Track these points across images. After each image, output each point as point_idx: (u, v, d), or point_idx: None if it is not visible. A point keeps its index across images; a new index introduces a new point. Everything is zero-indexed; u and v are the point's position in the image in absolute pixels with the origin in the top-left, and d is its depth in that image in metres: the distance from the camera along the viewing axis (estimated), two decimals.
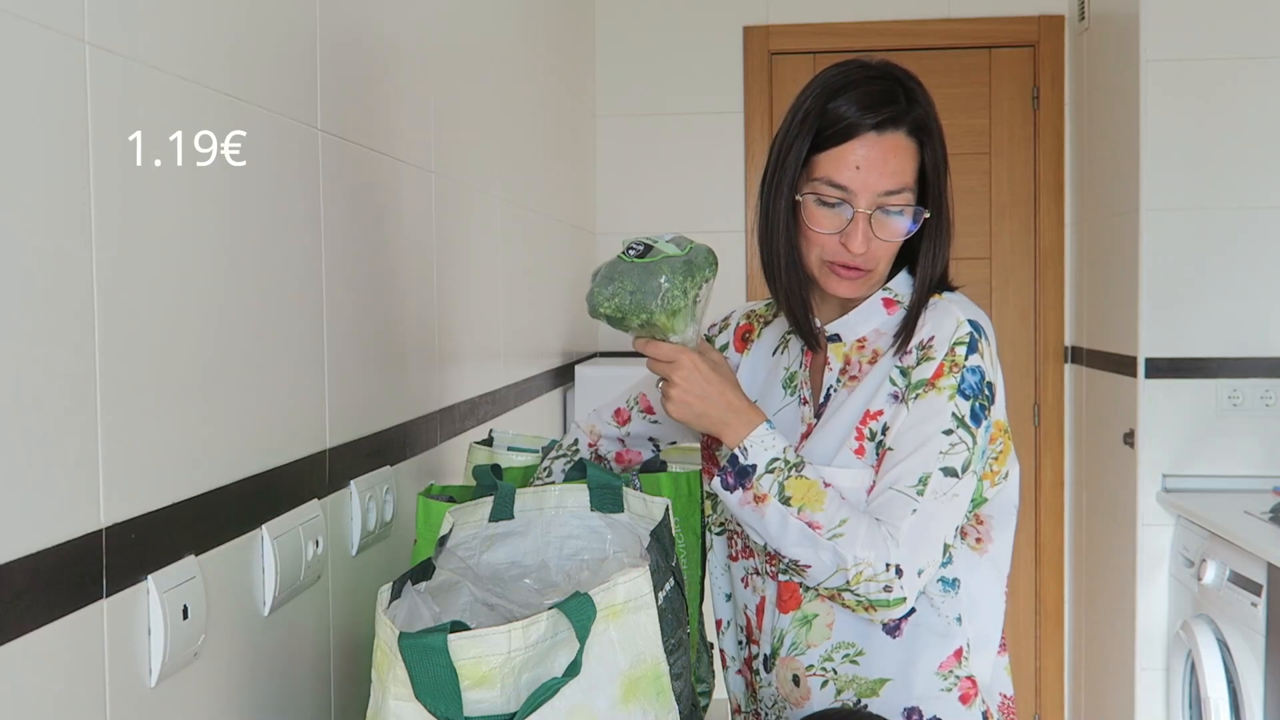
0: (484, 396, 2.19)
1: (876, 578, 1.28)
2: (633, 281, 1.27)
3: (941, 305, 1.38)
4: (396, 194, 1.69)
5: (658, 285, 1.27)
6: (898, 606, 1.30)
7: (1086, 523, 3.61)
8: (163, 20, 1.05)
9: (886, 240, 1.36)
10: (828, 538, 1.28)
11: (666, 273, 1.27)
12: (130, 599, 0.99)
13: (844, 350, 1.44)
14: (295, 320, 1.33)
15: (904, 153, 1.35)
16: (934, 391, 1.32)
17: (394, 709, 0.96)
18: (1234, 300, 3.10)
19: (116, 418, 0.96)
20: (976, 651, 1.40)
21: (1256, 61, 3.07)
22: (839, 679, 1.40)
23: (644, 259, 1.28)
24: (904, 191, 1.35)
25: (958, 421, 1.31)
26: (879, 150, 1.34)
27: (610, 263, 1.31)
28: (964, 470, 1.32)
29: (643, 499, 1.21)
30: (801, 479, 1.31)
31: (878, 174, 1.34)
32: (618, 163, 3.77)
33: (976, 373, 1.33)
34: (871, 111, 1.34)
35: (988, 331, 1.37)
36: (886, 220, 1.36)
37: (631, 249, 1.30)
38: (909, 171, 1.36)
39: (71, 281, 0.91)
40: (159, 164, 1.04)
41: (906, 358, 1.36)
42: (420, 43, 1.82)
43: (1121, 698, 3.25)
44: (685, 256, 1.29)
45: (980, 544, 1.41)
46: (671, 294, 1.27)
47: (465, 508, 1.23)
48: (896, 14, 3.67)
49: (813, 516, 1.30)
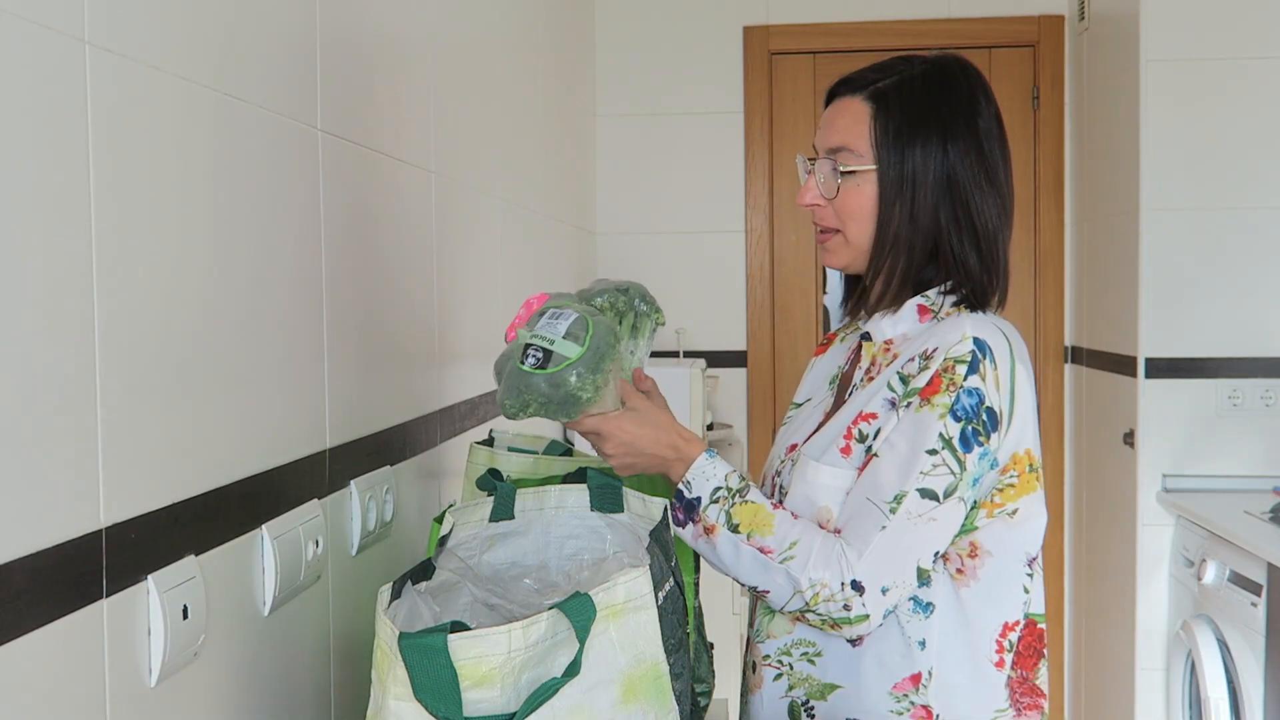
0: (484, 396, 2.19)
1: (834, 597, 1.26)
2: (540, 394, 1.26)
3: (953, 319, 1.36)
4: (396, 194, 1.69)
5: (567, 393, 1.25)
6: (861, 624, 1.28)
7: (1086, 523, 3.61)
8: (163, 20, 1.05)
9: (828, 197, 1.40)
10: (779, 561, 1.27)
11: (574, 377, 1.25)
12: (130, 599, 0.98)
13: (873, 350, 1.43)
14: (295, 320, 1.33)
15: (852, 114, 1.40)
16: (927, 407, 1.29)
17: (394, 709, 0.96)
18: (1234, 300, 3.10)
19: (116, 418, 0.96)
20: (939, 685, 1.33)
21: (1256, 61, 3.07)
22: (793, 675, 1.38)
23: (545, 370, 1.25)
24: (841, 150, 1.39)
25: (944, 443, 1.28)
26: (832, 111, 1.43)
27: (512, 371, 1.28)
28: (946, 495, 1.28)
29: (642, 499, 1.21)
30: (747, 504, 1.30)
31: (825, 133, 1.42)
32: (618, 163, 3.77)
33: (974, 395, 1.29)
34: (845, 81, 1.43)
35: (997, 353, 1.31)
36: (831, 179, 1.40)
37: (530, 357, 1.26)
38: (854, 131, 1.39)
39: (71, 281, 0.91)
40: (159, 164, 1.04)
41: (909, 365, 1.33)
42: (420, 43, 1.82)
43: (1121, 698, 3.25)
44: (588, 350, 1.25)
45: (962, 575, 1.34)
46: (583, 392, 1.26)
47: (465, 508, 1.23)
48: (896, 14, 3.67)
49: (762, 541, 1.29)
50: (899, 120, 1.37)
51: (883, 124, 1.38)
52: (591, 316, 1.28)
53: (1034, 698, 1.38)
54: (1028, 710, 1.38)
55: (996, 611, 1.37)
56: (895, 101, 1.38)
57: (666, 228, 3.76)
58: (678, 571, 1.16)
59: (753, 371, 3.78)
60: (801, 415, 1.53)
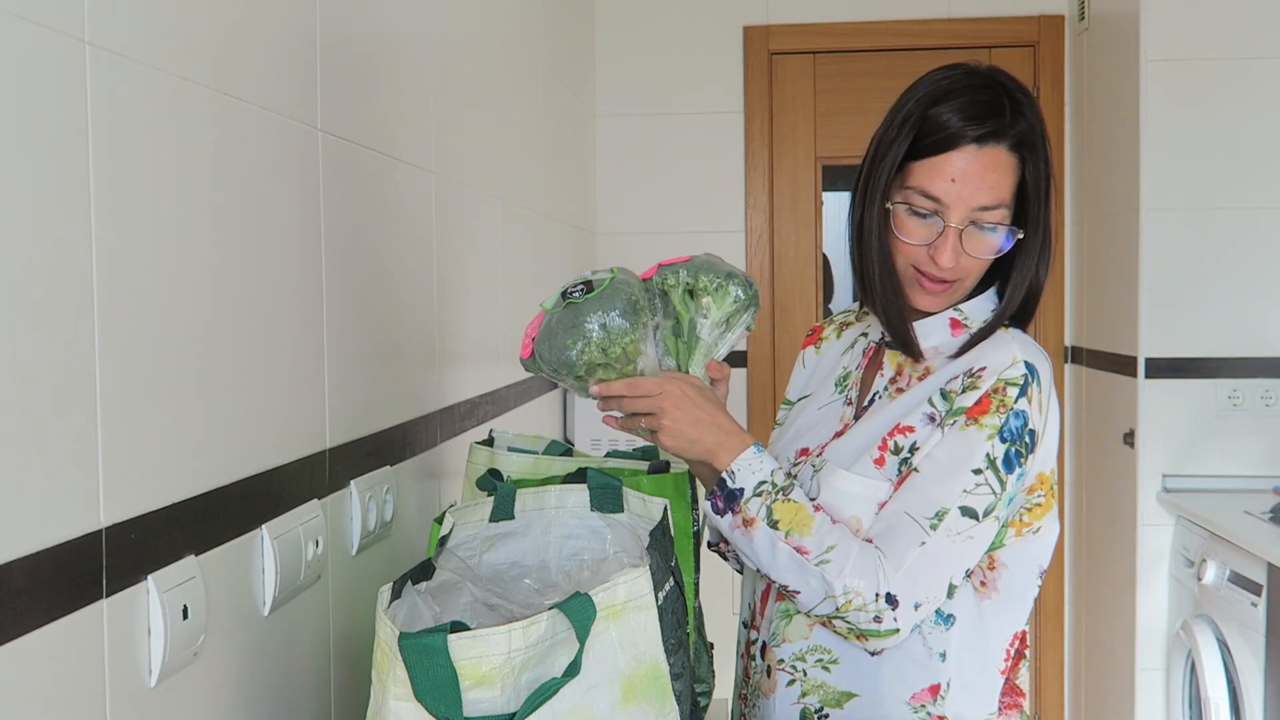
0: (484, 396, 2.19)
1: (866, 607, 1.26)
2: (592, 327, 1.30)
3: (1003, 338, 1.35)
4: (396, 194, 1.69)
5: (613, 321, 1.31)
6: (890, 637, 1.27)
7: (1086, 523, 3.61)
8: (163, 20, 1.05)
9: (976, 257, 1.33)
10: (815, 563, 1.26)
11: (615, 312, 1.30)
12: (130, 599, 0.98)
13: (898, 360, 1.41)
14: (295, 320, 1.33)
15: (1003, 168, 1.31)
16: (974, 426, 1.29)
17: (394, 709, 0.96)
18: (1234, 300, 3.10)
19: (116, 418, 0.96)
20: (957, 696, 1.34)
21: (1257, 62, 3.07)
22: (807, 681, 1.37)
23: (590, 293, 1.31)
24: (999, 208, 1.32)
25: (989, 463, 1.28)
26: (978, 164, 1.30)
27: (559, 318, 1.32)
28: (985, 515, 1.28)
29: (642, 499, 1.21)
30: (789, 503, 1.29)
31: (974, 188, 1.30)
32: (618, 163, 3.77)
33: (1021, 418, 1.29)
34: (975, 123, 1.29)
35: (1042, 377, 1.33)
36: (979, 236, 1.32)
37: (576, 290, 1.33)
38: (1006, 188, 1.32)
39: (71, 281, 0.91)
40: (158, 164, 1.04)
41: (952, 382, 1.32)
42: (420, 42, 1.82)
43: (1121, 698, 3.25)
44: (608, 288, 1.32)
45: (984, 588, 1.35)
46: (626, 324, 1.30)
47: (465, 508, 1.23)
48: (897, 14, 3.67)
49: (800, 541, 1.27)
50: (1040, 169, 1.33)
51: (1033, 177, 1.33)
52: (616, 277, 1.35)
53: (1014, 697, 1.41)
54: (1008, 709, 1.39)
55: (1011, 621, 1.37)
56: (1036, 147, 1.33)
57: (666, 228, 3.76)
58: (678, 571, 1.16)
59: (752, 371, 3.78)
60: (805, 417, 1.51)
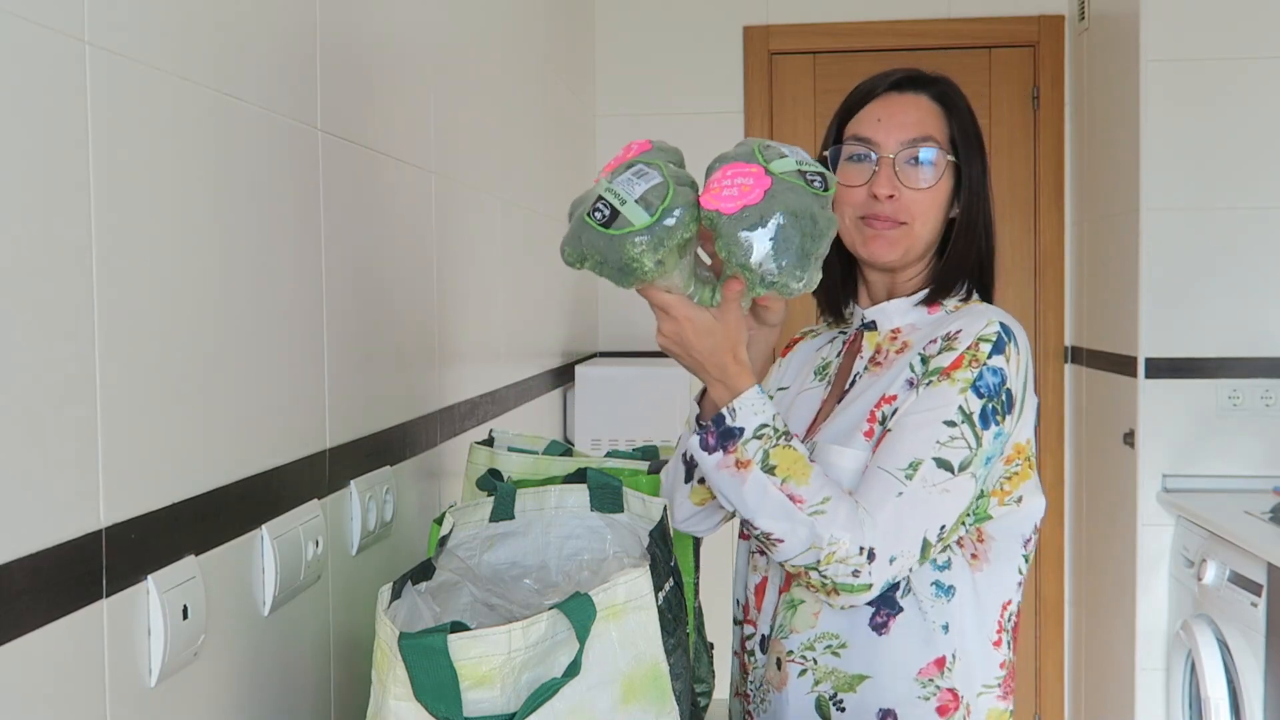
0: (484, 396, 2.19)
1: (848, 560, 1.25)
2: (598, 251, 1.20)
3: (979, 307, 1.40)
4: (396, 194, 1.69)
5: (624, 260, 1.19)
6: (861, 593, 1.27)
7: (1086, 523, 3.62)
8: (163, 20, 1.05)
9: (913, 189, 1.39)
10: (808, 513, 1.25)
11: (633, 246, 1.18)
12: (130, 599, 0.99)
13: (877, 339, 1.45)
14: (295, 320, 1.33)
15: (926, 110, 1.42)
16: (946, 381, 1.31)
17: (394, 709, 0.96)
18: (1234, 300, 3.10)
19: (116, 418, 0.96)
20: (962, 666, 1.36)
21: (1257, 61, 3.07)
22: (818, 669, 1.37)
23: (606, 230, 1.18)
24: (928, 140, 1.40)
25: (964, 416, 1.29)
26: (899, 104, 1.43)
27: (578, 219, 1.22)
28: (960, 469, 1.29)
29: (642, 499, 1.21)
30: (789, 449, 1.28)
31: (899, 122, 1.41)
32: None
33: (997, 374, 1.31)
34: (889, 77, 1.44)
35: (1020, 341, 1.36)
36: (913, 170, 1.40)
37: (597, 211, 1.19)
38: (933, 126, 1.42)
39: (71, 281, 0.91)
40: (158, 164, 1.04)
41: (929, 346, 1.35)
42: (420, 43, 1.82)
43: (1121, 698, 3.25)
44: (655, 222, 1.17)
45: (976, 560, 1.37)
46: (639, 263, 1.18)
47: (465, 508, 1.23)
48: (896, 14, 3.67)
49: (795, 490, 1.26)
50: (964, 123, 1.44)
51: (958, 124, 1.43)
52: (677, 185, 1.20)
53: (1014, 681, 1.44)
54: (1011, 695, 1.42)
55: (1000, 591, 1.39)
56: (957, 104, 1.44)
57: None
58: (678, 571, 1.16)
59: None
60: (783, 404, 1.52)
